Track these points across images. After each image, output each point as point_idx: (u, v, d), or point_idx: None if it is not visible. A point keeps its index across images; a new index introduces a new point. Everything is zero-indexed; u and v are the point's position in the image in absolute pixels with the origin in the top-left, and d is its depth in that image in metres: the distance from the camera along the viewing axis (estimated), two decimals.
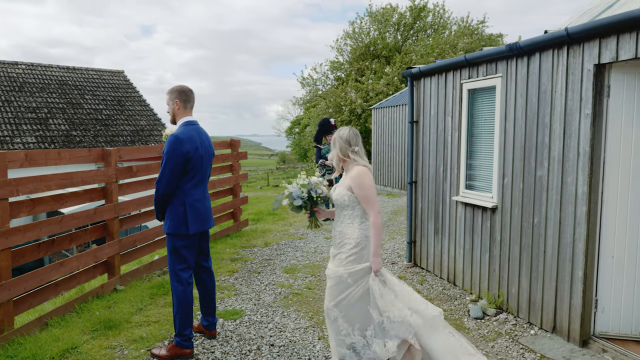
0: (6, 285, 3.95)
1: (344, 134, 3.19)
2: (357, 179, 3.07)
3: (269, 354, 3.81)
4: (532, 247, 4.27)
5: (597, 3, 6.87)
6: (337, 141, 3.19)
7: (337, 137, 3.20)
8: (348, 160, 3.17)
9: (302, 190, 3.32)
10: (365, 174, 3.08)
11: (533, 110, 4.19)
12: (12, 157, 4.14)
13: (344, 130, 3.23)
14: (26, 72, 16.60)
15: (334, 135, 3.25)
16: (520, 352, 3.86)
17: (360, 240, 3.08)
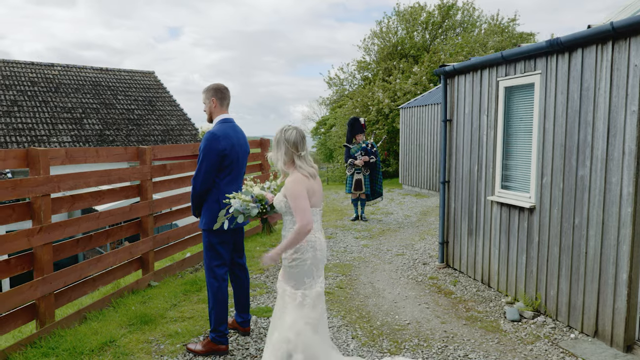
0: (48, 278, 4.07)
1: (291, 137, 2.94)
2: (287, 188, 2.91)
3: None
4: (573, 248, 4.14)
5: None
6: (283, 144, 2.95)
7: (283, 140, 2.96)
8: (293, 166, 2.97)
9: (246, 204, 3.11)
10: (297, 182, 2.88)
11: (574, 107, 4.06)
12: (54, 155, 4.27)
13: (290, 131, 2.98)
14: (62, 74, 17.17)
15: (279, 135, 3.00)
16: (560, 356, 3.74)
17: (300, 246, 2.93)
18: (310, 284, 2.96)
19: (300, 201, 2.84)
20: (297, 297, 2.95)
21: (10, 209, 3.86)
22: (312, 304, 2.96)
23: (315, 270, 2.98)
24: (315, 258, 2.97)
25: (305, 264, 2.94)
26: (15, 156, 3.93)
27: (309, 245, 2.95)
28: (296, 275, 2.96)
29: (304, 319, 2.91)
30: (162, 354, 3.79)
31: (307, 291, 2.96)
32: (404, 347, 3.91)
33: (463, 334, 4.14)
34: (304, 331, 2.90)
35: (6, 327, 3.83)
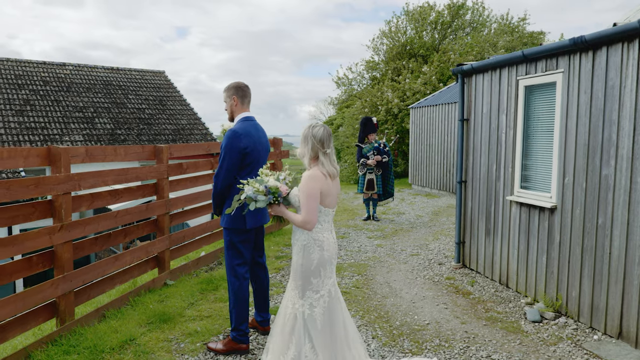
0: (68, 276, 4.08)
1: (319, 134, 2.98)
2: (302, 182, 2.93)
3: None
4: (596, 248, 4.09)
5: None
6: (310, 140, 2.98)
7: (310, 136, 2.98)
8: (316, 163, 2.99)
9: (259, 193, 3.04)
10: (312, 179, 2.90)
11: (598, 106, 4.01)
12: (74, 153, 4.28)
13: (317, 128, 3.02)
14: (73, 73, 17.29)
15: (307, 131, 3.03)
16: (585, 357, 3.70)
17: (306, 243, 2.96)
18: (317, 284, 2.95)
19: (309, 199, 2.86)
20: (304, 310, 2.94)
21: (32, 207, 3.87)
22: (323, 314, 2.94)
23: (322, 271, 2.97)
24: (323, 258, 2.96)
25: (313, 264, 2.94)
26: (37, 154, 3.94)
27: (316, 245, 2.95)
28: (302, 274, 2.96)
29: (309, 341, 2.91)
30: (183, 353, 3.79)
31: (316, 295, 2.95)
32: (425, 347, 3.88)
33: (484, 335, 4.11)
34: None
35: (27, 324, 3.84)
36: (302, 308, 2.95)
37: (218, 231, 6.63)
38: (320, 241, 2.96)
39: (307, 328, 2.93)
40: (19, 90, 15.54)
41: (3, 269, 3.61)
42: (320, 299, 2.94)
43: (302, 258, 2.97)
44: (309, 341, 2.91)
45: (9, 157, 3.72)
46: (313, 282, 2.95)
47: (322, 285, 2.96)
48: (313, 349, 2.90)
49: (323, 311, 2.94)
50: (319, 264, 2.94)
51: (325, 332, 2.94)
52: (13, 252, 3.61)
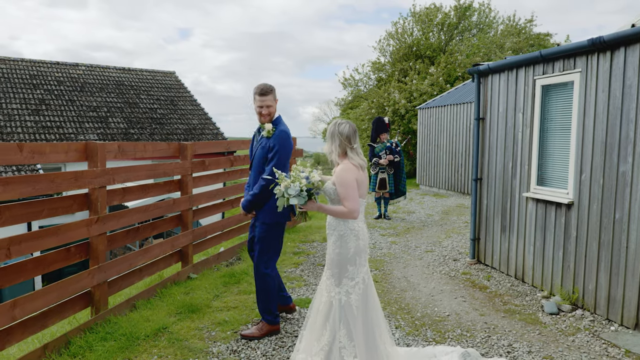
0: (103, 267, 4.24)
1: (345, 130, 3.10)
2: (338, 175, 3.04)
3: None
4: (613, 243, 4.23)
5: None
6: (337, 137, 3.10)
7: (337, 133, 3.10)
8: (345, 158, 3.11)
9: (302, 188, 3.09)
10: (347, 170, 3.03)
11: (616, 105, 4.16)
12: (109, 148, 4.44)
13: (343, 125, 3.13)
14: (86, 73, 17.54)
15: (333, 129, 3.14)
16: (603, 347, 3.84)
17: (343, 233, 3.08)
18: (352, 272, 3.08)
19: (350, 190, 3.00)
20: (341, 297, 3.06)
21: (71, 200, 4.03)
22: (358, 300, 3.06)
23: (358, 259, 3.10)
24: (359, 247, 3.09)
25: (350, 252, 3.07)
26: (76, 149, 4.10)
27: (353, 234, 3.08)
28: (339, 262, 3.09)
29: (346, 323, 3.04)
30: (215, 340, 3.94)
31: (351, 282, 3.07)
32: (447, 336, 4.03)
33: (503, 326, 4.25)
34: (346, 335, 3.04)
35: (65, 312, 3.99)
36: (338, 295, 3.06)
37: (236, 228, 6.79)
38: (356, 230, 3.09)
39: (343, 315, 3.04)
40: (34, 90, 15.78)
41: (45, 258, 3.77)
42: (355, 285, 3.07)
43: (339, 247, 3.09)
44: (344, 327, 3.03)
45: (52, 151, 3.89)
46: (349, 269, 3.08)
47: (357, 272, 3.09)
48: (347, 335, 3.02)
49: (358, 297, 3.06)
50: (355, 252, 3.08)
51: (360, 319, 3.06)
52: (56, 241, 3.78)
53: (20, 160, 3.67)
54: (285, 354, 3.69)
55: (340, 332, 3.05)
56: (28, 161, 3.72)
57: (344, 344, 3.02)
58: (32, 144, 3.68)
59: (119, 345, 3.80)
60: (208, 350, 3.75)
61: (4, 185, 3.38)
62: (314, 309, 3.22)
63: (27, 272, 3.61)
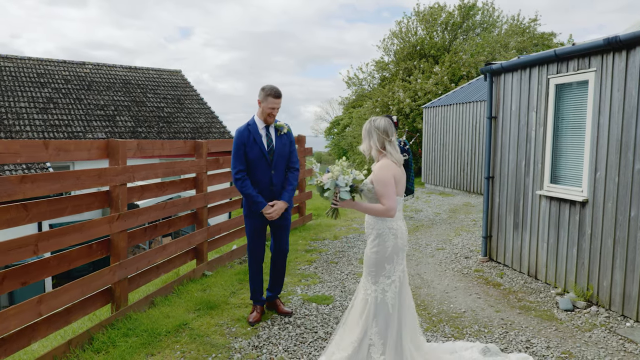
0: (124, 264, 4.30)
1: (381, 125, 3.12)
2: (376, 173, 3.07)
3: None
4: (628, 240, 4.28)
5: None
6: (375, 132, 3.12)
7: (374, 129, 3.13)
8: (383, 152, 3.13)
9: (348, 182, 3.12)
10: (386, 167, 3.05)
11: (632, 104, 4.21)
12: (129, 146, 4.48)
13: (379, 120, 3.15)
14: (93, 72, 17.62)
15: (369, 125, 3.17)
16: (620, 342, 3.89)
17: (382, 232, 3.10)
18: (389, 270, 3.11)
19: (388, 188, 3.02)
20: (377, 295, 3.10)
21: (93, 197, 4.08)
22: (394, 298, 3.10)
23: (395, 258, 3.12)
24: (397, 246, 3.11)
25: (387, 251, 3.09)
26: (98, 146, 4.15)
27: (391, 233, 3.10)
28: (377, 261, 3.11)
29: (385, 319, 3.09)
30: (236, 336, 3.99)
31: (388, 280, 3.10)
32: (465, 332, 4.08)
33: (520, 322, 4.30)
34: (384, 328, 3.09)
35: (87, 309, 4.04)
36: (374, 293, 3.10)
37: None
38: (394, 229, 3.11)
39: (377, 312, 3.08)
40: (41, 88, 15.85)
41: (69, 255, 3.82)
42: (392, 284, 3.09)
43: (377, 246, 3.11)
44: (376, 325, 3.07)
45: (76, 149, 3.94)
46: (387, 268, 3.10)
47: (393, 271, 3.11)
48: (378, 334, 3.06)
49: (394, 296, 3.09)
50: (392, 251, 3.10)
51: (394, 317, 3.09)
52: (81, 238, 3.83)
53: (46, 158, 3.72)
54: (307, 350, 3.74)
55: (372, 329, 3.08)
56: (54, 158, 3.76)
57: (374, 342, 3.05)
58: (57, 142, 3.73)
59: (142, 341, 3.85)
60: (230, 346, 3.81)
61: (32, 183, 3.43)
62: (351, 305, 3.29)
63: (51, 268, 3.66)
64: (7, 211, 3.22)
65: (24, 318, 3.32)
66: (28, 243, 3.35)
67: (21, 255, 3.29)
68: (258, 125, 4.13)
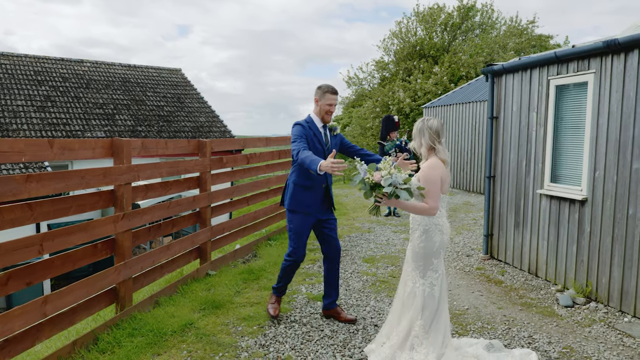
0: (129, 263, 4.32)
1: (434, 125, 3.26)
2: (424, 172, 3.18)
3: (375, 332, 4.03)
4: (627, 237, 4.34)
5: None
6: (427, 131, 3.25)
7: (426, 128, 3.25)
8: (433, 152, 3.26)
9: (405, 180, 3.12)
10: (434, 167, 3.16)
11: (630, 105, 4.27)
12: (133, 145, 4.50)
13: (432, 120, 3.29)
14: (91, 70, 17.59)
15: (421, 124, 3.29)
16: (618, 337, 3.96)
17: (428, 228, 3.21)
18: (437, 265, 3.25)
19: (434, 187, 3.13)
20: (425, 288, 3.24)
21: (97, 196, 4.11)
22: (440, 291, 3.24)
23: (441, 252, 3.28)
24: (443, 241, 3.26)
25: (435, 246, 3.23)
26: (102, 145, 4.17)
27: (437, 229, 3.23)
28: (425, 256, 3.24)
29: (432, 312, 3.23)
30: (243, 335, 4.03)
31: (435, 274, 3.24)
32: (469, 329, 4.14)
33: (522, 318, 4.36)
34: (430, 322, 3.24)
35: (92, 309, 4.06)
36: (422, 287, 3.24)
37: (251, 225, 6.88)
38: (440, 225, 3.25)
39: (425, 306, 3.21)
40: (39, 86, 15.80)
41: (74, 254, 3.84)
42: (439, 277, 3.26)
43: (424, 241, 3.23)
44: (422, 318, 3.21)
45: (80, 148, 3.96)
46: (434, 262, 3.25)
47: (439, 265, 3.27)
48: (423, 327, 3.20)
49: (440, 289, 3.24)
50: (439, 246, 3.24)
51: (441, 310, 3.25)
52: (86, 237, 3.85)
53: (51, 157, 3.74)
54: (314, 348, 3.79)
55: (417, 322, 3.23)
56: (58, 157, 3.79)
57: (417, 333, 3.20)
58: (62, 140, 3.74)
59: (147, 341, 3.87)
60: (237, 345, 3.84)
61: (38, 182, 3.44)
62: (398, 298, 3.43)
63: (56, 268, 3.67)
64: (12, 211, 3.23)
65: (29, 319, 3.32)
66: (33, 243, 3.35)
67: (26, 255, 3.29)
68: (317, 124, 4.10)
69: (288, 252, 4.20)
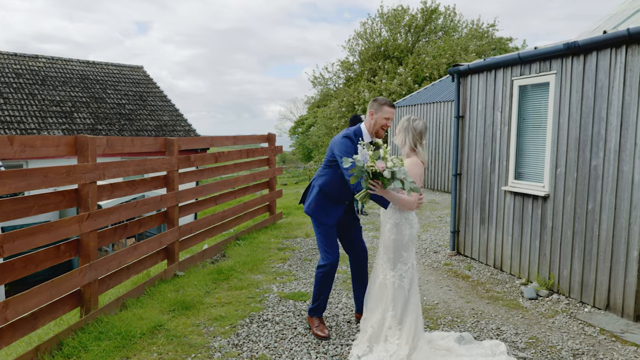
0: (94, 265, 4.17)
1: (418, 127, 3.41)
2: (409, 168, 3.28)
3: (349, 329, 4.06)
4: (586, 231, 4.56)
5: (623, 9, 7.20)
6: (411, 131, 3.40)
7: (411, 128, 3.40)
8: (414, 152, 3.41)
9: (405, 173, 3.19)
10: (416, 165, 3.34)
11: (589, 104, 4.49)
12: (98, 143, 4.35)
13: (417, 122, 3.42)
14: (47, 66, 16.78)
15: (407, 124, 3.41)
16: (580, 326, 4.15)
17: (399, 221, 3.33)
18: (406, 257, 3.36)
19: (416, 180, 3.26)
20: (394, 280, 3.35)
21: (61, 196, 3.94)
22: (409, 284, 3.36)
23: (410, 245, 3.39)
24: (412, 235, 3.40)
25: (404, 239, 3.35)
26: (66, 142, 4.01)
27: (407, 223, 3.37)
28: (395, 248, 3.36)
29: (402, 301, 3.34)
30: (215, 335, 3.96)
31: (405, 267, 3.35)
32: (440, 323, 4.23)
33: (489, 311, 4.50)
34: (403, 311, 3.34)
35: (55, 313, 3.89)
36: (392, 279, 3.35)
37: (220, 225, 6.78)
38: (410, 220, 3.37)
39: (395, 297, 3.33)
40: None
41: (35, 256, 3.68)
42: (408, 270, 3.37)
43: (394, 234, 3.35)
44: (393, 309, 3.32)
45: (43, 145, 3.79)
46: (404, 255, 3.36)
47: (409, 258, 3.38)
48: (394, 317, 3.31)
49: (410, 281, 3.36)
50: (409, 239, 3.37)
51: (411, 301, 3.35)
52: (49, 238, 3.69)
53: (10, 154, 3.56)
54: (288, 346, 3.77)
55: (389, 313, 3.33)
56: (19, 155, 3.61)
57: (390, 325, 3.30)
58: (23, 137, 3.58)
59: (115, 344, 3.75)
60: (209, 345, 3.77)
61: None
62: (369, 292, 3.53)
63: (17, 271, 3.51)
64: None
65: None
66: None
67: None
68: (365, 139, 3.75)
69: (320, 262, 3.95)
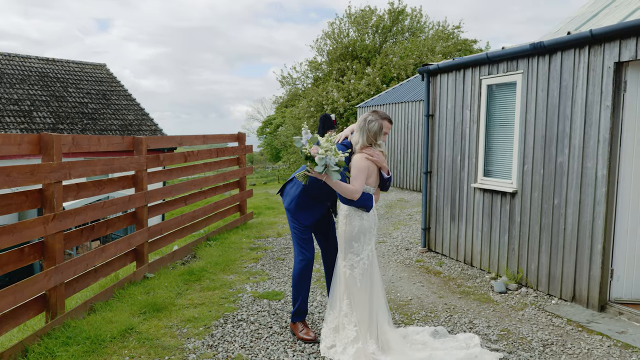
0: (60, 268, 4.01)
1: (373, 128, 3.48)
2: (356, 160, 3.44)
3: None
4: (552, 226, 4.73)
5: (583, 12, 7.52)
6: (365, 132, 3.48)
7: (366, 129, 3.48)
8: (364, 150, 3.49)
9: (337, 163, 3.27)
10: (362, 159, 3.42)
11: (554, 103, 4.66)
12: (64, 141, 4.18)
13: (373, 123, 3.48)
14: (3, 63, 15.95)
15: (363, 124, 3.50)
16: (548, 317, 4.30)
17: (349, 213, 3.49)
18: (357, 248, 3.47)
19: (360, 173, 3.40)
20: (345, 270, 3.48)
21: (24, 196, 3.78)
22: (361, 274, 3.45)
23: (362, 237, 3.48)
24: (362, 226, 3.48)
25: (354, 230, 3.47)
26: (29, 141, 3.85)
27: (357, 215, 3.49)
28: (345, 239, 3.49)
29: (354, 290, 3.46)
30: (188, 337, 3.88)
31: (356, 257, 3.45)
32: (414, 318, 4.29)
33: (461, 306, 4.60)
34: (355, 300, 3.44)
35: (19, 318, 3.73)
36: (344, 269, 3.47)
37: (189, 225, 6.65)
38: (360, 212, 3.48)
39: (347, 286, 3.43)
40: None
41: None
42: (360, 261, 3.45)
43: (345, 224, 3.51)
44: (347, 297, 3.43)
45: (4, 143, 3.63)
46: (354, 245, 3.46)
47: (361, 249, 3.47)
48: (349, 305, 3.42)
49: (362, 272, 3.43)
50: (359, 230, 3.46)
51: (362, 292, 3.42)
52: (12, 241, 3.53)
53: None
54: (264, 345, 3.73)
55: (343, 301, 3.46)
56: None
57: (346, 312, 3.42)
58: None
59: (84, 349, 3.62)
60: (183, 347, 3.69)
61: None
62: (332, 283, 3.68)
63: None
64: None
65: None
66: None
67: None
68: None
69: (295, 259, 3.84)
